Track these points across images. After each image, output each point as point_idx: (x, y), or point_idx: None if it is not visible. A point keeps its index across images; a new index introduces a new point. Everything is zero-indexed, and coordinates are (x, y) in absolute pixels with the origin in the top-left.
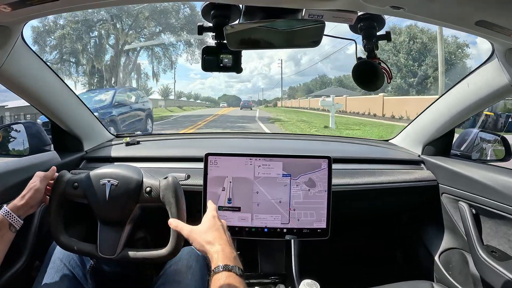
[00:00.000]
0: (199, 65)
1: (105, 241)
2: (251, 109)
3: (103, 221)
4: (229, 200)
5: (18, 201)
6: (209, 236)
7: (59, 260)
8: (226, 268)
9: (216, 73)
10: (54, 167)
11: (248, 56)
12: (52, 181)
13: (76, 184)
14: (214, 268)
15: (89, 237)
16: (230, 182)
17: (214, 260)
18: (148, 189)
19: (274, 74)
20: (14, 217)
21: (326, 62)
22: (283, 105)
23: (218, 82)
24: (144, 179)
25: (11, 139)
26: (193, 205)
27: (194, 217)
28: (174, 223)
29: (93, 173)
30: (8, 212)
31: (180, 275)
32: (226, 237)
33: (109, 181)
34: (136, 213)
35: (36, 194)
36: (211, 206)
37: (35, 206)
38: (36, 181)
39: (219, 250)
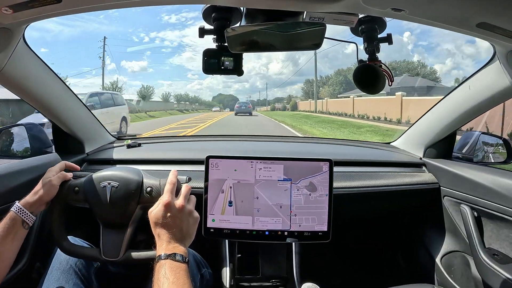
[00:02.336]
0: (197, 66)
1: (108, 244)
2: (251, 114)
3: (105, 224)
4: (230, 203)
5: (30, 197)
6: (157, 229)
7: (65, 261)
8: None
9: (214, 74)
10: (71, 173)
11: (246, 56)
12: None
13: (77, 188)
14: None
15: (92, 240)
16: (231, 186)
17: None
18: (148, 189)
19: (272, 74)
20: (27, 214)
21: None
22: (317, 109)
23: (216, 83)
24: (144, 180)
25: (13, 141)
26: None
27: None
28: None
29: (93, 176)
30: (20, 208)
31: None
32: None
33: (109, 184)
34: (138, 215)
35: (51, 189)
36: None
37: (47, 203)
38: (50, 176)
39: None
